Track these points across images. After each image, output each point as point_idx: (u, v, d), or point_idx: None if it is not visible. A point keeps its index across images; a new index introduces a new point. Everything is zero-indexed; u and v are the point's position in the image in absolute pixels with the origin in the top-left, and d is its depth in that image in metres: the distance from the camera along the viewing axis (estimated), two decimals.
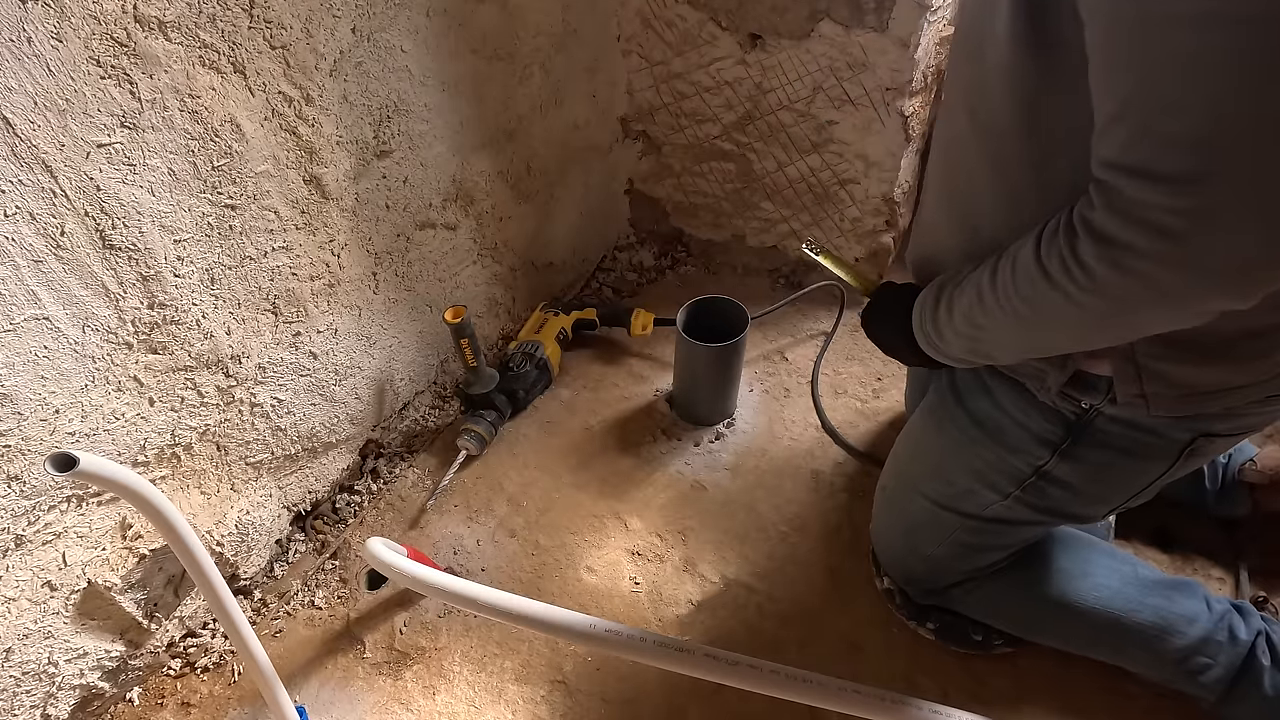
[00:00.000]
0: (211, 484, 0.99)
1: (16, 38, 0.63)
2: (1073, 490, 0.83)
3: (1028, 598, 0.94)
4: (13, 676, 0.83)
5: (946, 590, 0.98)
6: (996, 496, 0.87)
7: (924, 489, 0.94)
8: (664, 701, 0.98)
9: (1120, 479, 0.82)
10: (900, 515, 1.00)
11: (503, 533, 1.19)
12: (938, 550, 0.95)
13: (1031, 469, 0.83)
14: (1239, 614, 0.89)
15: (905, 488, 0.98)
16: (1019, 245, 0.63)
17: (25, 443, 0.75)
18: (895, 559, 1.02)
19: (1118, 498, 0.86)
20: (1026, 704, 0.96)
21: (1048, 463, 0.81)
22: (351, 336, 1.12)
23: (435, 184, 1.17)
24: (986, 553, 0.94)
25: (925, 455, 0.96)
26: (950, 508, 0.91)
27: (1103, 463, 0.79)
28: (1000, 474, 0.85)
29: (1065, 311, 0.59)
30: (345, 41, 0.93)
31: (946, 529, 0.92)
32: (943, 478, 0.92)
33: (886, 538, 1.04)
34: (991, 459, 0.86)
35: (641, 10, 1.39)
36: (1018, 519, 0.88)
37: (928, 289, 0.77)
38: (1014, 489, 0.85)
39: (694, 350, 1.22)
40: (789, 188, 1.50)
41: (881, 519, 1.05)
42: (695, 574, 1.12)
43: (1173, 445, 0.76)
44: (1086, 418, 0.77)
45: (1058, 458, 0.81)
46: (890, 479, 1.03)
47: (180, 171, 0.80)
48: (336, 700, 0.99)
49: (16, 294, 0.70)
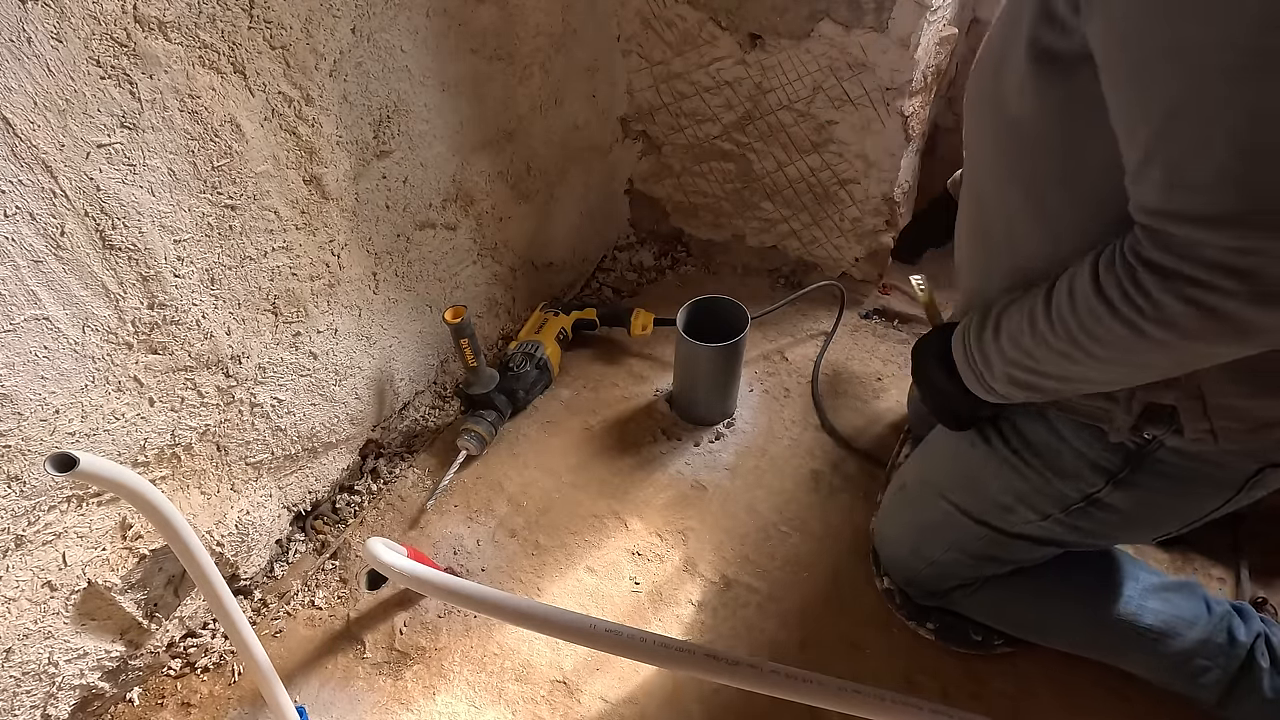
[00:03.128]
0: (211, 484, 0.99)
1: (16, 38, 0.63)
2: (1122, 517, 0.79)
3: (1029, 601, 0.94)
4: (13, 676, 0.83)
5: (948, 592, 0.98)
6: (1034, 516, 0.84)
7: (951, 496, 0.91)
8: (664, 702, 0.98)
9: (1177, 508, 0.79)
10: (916, 516, 0.98)
11: (503, 533, 1.19)
12: (947, 555, 0.94)
13: (1081, 496, 0.79)
14: (1239, 616, 0.89)
15: (929, 490, 0.95)
16: (1074, 274, 0.61)
17: (25, 443, 0.75)
18: (900, 559, 1.02)
19: (1168, 526, 0.82)
20: (1027, 704, 0.96)
21: (1100, 490, 0.78)
22: (351, 336, 1.12)
23: (435, 184, 1.17)
24: (998, 563, 0.92)
25: (960, 463, 0.91)
26: (977, 519, 0.89)
27: (1160, 492, 0.76)
28: (1044, 496, 0.82)
29: (1132, 343, 0.57)
30: (345, 41, 0.93)
31: (965, 537, 0.90)
32: (976, 489, 0.88)
33: (894, 537, 1.03)
34: (1039, 482, 0.82)
35: (641, 10, 1.39)
36: (1049, 538, 0.85)
37: (969, 316, 0.76)
38: (1056, 511, 0.82)
39: (694, 350, 1.22)
40: (789, 188, 1.50)
41: (893, 517, 1.04)
42: (695, 574, 1.12)
43: (1237, 476, 0.73)
44: (1149, 449, 0.73)
45: (1112, 486, 0.77)
46: (912, 478, 1.01)
47: (180, 171, 0.80)
48: (336, 700, 0.99)
49: (16, 294, 0.69)
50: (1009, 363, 0.69)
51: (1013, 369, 0.70)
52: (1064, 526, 0.83)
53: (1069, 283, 0.62)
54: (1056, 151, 0.64)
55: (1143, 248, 0.54)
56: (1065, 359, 0.64)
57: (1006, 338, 0.69)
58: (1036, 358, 0.66)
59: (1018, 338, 0.67)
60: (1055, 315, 0.63)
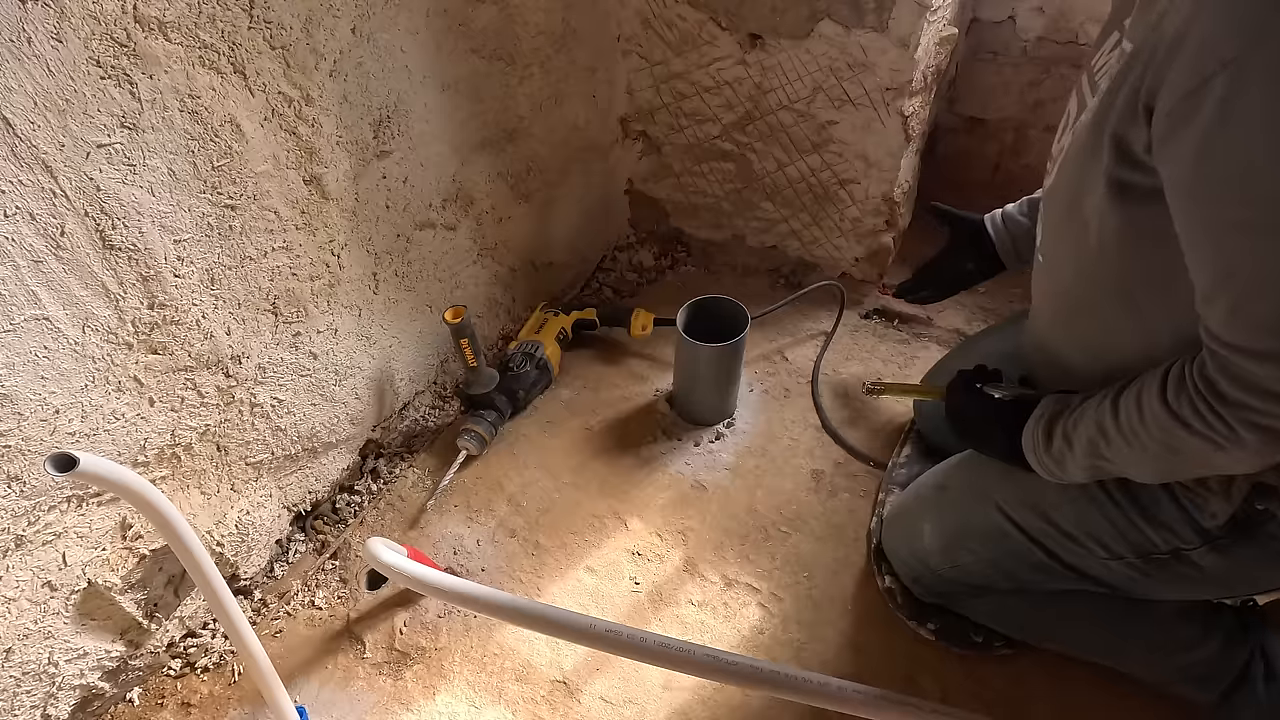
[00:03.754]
0: (211, 484, 0.99)
1: (16, 38, 0.63)
2: (1202, 576, 0.76)
3: (1035, 606, 0.93)
4: (13, 676, 0.83)
5: (957, 593, 0.97)
6: (1102, 554, 0.80)
7: (1007, 510, 0.87)
8: (665, 701, 0.98)
9: (1259, 578, 0.77)
10: (958, 520, 0.94)
11: (503, 533, 1.19)
12: (978, 563, 0.90)
13: (1170, 549, 0.76)
14: (1238, 622, 0.89)
15: (978, 498, 0.91)
16: (1142, 386, 0.65)
17: (25, 443, 0.75)
18: (920, 555, 0.98)
19: (1239, 592, 0.81)
20: (1026, 705, 0.96)
21: (1193, 549, 0.75)
22: (351, 336, 1.12)
23: (435, 184, 1.17)
24: (1021, 579, 0.89)
25: (1025, 482, 0.84)
26: (1032, 537, 0.85)
27: (1253, 561, 0.74)
28: (1122, 539, 0.78)
29: (1208, 452, 0.61)
30: (345, 41, 0.93)
31: (1009, 552, 0.87)
32: (1038, 511, 0.84)
33: (917, 533, 0.99)
34: (1123, 524, 0.78)
35: (641, 10, 1.39)
36: (1102, 577, 0.83)
37: (1036, 421, 0.77)
38: (1131, 555, 0.78)
39: (694, 350, 1.22)
40: (789, 188, 1.50)
41: (922, 514, 1.00)
42: (695, 574, 1.12)
43: None
44: (1257, 520, 0.71)
45: (1208, 548, 0.74)
46: (959, 483, 0.97)
47: (180, 171, 0.80)
48: (336, 700, 0.99)
49: (16, 294, 0.69)
50: (1082, 468, 0.73)
51: (1087, 471, 0.73)
52: (1133, 571, 0.79)
53: (1136, 398, 0.65)
54: (1146, 263, 0.66)
55: (1213, 376, 0.58)
56: (1142, 463, 0.68)
57: (1080, 450, 0.72)
58: (1111, 459, 0.70)
59: (1092, 447, 0.71)
60: (1127, 428, 0.66)
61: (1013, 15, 1.43)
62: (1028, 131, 1.55)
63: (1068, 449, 0.73)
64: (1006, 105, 1.53)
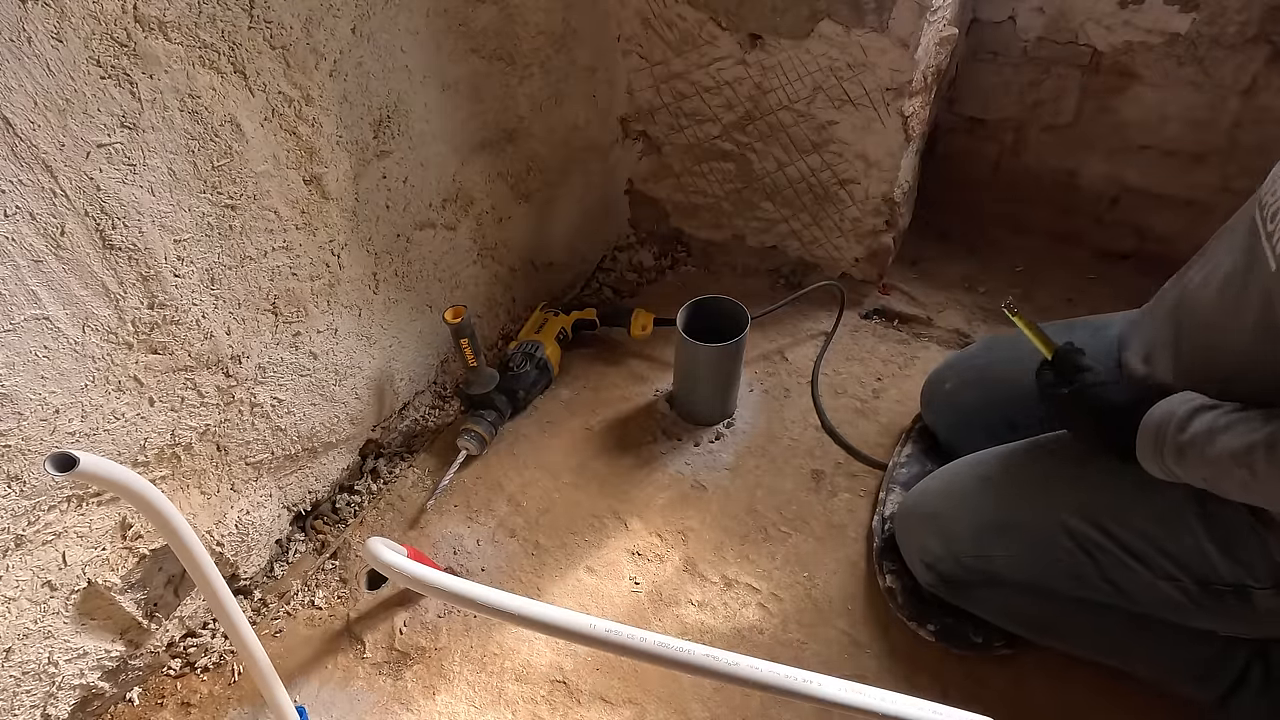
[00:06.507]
0: (211, 484, 0.99)
1: (16, 38, 0.63)
2: (1254, 617, 0.73)
3: (1041, 603, 0.92)
4: (13, 676, 0.83)
5: (970, 585, 0.94)
6: (1148, 575, 0.76)
7: (1065, 515, 0.83)
8: (665, 701, 0.98)
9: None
10: (999, 513, 0.90)
11: (503, 533, 1.19)
12: (1006, 557, 0.88)
13: (1235, 582, 0.72)
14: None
15: (1032, 496, 0.88)
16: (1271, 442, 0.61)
17: (25, 443, 0.75)
18: (944, 539, 0.94)
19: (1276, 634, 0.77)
20: (1026, 705, 0.96)
21: (1260, 590, 0.71)
22: (351, 336, 1.12)
23: (435, 184, 1.17)
24: (1049, 582, 0.87)
25: (1095, 491, 0.81)
26: (1084, 546, 0.81)
27: None
28: (1181, 564, 0.74)
29: None
30: (345, 41, 0.93)
31: (1045, 554, 0.84)
32: (1099, 523, 0.80)
33: (951, 518, 0.95)
34: (1192, 548, 0.73)
35: (641, 10, 1.39)
36: (1137, 595, 0.79)
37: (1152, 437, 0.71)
38: (1186, 580, 0.74)
39: (694, 350, 1.22)
40: (789, 188, 1.50)
41: (961, 501, 0.95)
42: (695, 574, 1.12)
43: None
44: None
45: (1275, 591, 0.70)
46: (1008, 477, 0.93)
47: (180, 171, 0.80)
48: (336, 700, 0.99)
49: (16, 294, 0.69)
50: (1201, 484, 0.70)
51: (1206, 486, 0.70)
52: (1181, 595, 0.75)
53: (1265, 449, 0.62)
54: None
55: None
56: None
57: (1201, 476, 0.68)
58: (1227, 490, 0.67)
59: (1216, 479, 0.67)
60: (1262, 474, 0.62)
61: (1013, 15, 1.43)
62: (1027, 131, 1.55)
63: (1187, 475, 0.68)
64: (1006, 105, 1.53)
